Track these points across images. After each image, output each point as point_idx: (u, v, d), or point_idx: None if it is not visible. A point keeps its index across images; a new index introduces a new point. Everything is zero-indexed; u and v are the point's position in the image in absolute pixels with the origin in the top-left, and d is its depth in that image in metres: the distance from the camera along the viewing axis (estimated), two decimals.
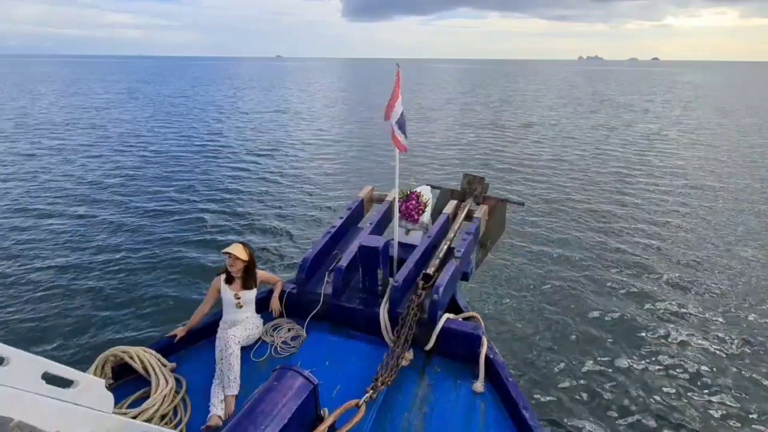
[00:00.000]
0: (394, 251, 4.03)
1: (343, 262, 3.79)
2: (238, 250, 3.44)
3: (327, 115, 29.11)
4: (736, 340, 5.88)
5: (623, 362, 5.44)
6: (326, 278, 3.81)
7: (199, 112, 28.79)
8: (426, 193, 4.71)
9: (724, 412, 4.70)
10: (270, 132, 21.61)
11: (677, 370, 5.32)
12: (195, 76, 78.35)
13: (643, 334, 6.01)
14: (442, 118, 26.82)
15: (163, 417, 2.76)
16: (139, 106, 31.74)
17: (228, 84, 58.21)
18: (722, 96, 44.67)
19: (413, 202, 4.48)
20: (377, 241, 3.62)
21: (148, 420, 2.63)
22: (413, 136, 19.82)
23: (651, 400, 4.85)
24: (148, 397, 2.84)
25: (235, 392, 2.95)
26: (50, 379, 1.66)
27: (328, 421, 2.38)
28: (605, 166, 15.28)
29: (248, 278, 3.53)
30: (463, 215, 4.71)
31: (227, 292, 3.47)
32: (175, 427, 2.73)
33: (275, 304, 3.73)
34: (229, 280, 3.49)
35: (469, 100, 38.20)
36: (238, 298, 3.45)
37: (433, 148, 18.26)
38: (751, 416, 4.64)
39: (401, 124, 3.60)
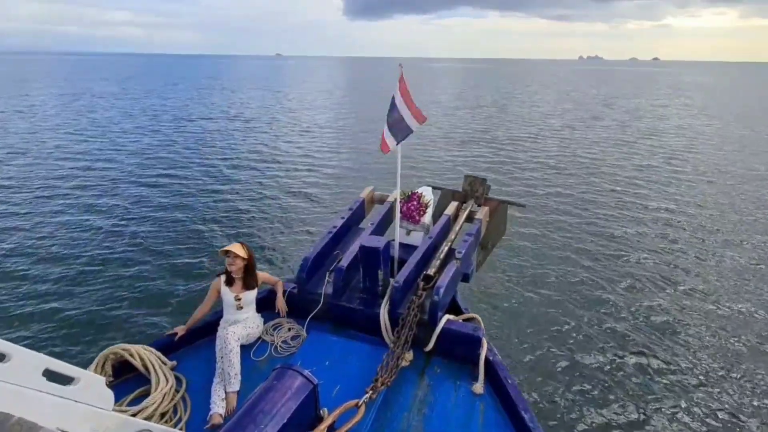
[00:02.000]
0: (395, 252, 4.03)
1: (344, 262, 3.79)
2: (237, 249, 3.43)
3: (322, 114, 29.09)
4: (745, 345, 5.86)
5: (625, 364, 5.43)
6: (327, 278, 3.81)
7: (124, 116, 25.59)
8: (427, 194, 4.71)
9: (729, 414, 4.69)
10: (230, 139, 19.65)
11: (680, 373, 5.31)
12: (175, 74, 75.63)
13: (646, 335, 6.00)
14: (442, 119, 26.81)
15: (163, 415, 2.76)
16: (64, 108, 28.59)
17: (201, 83, 55.25)
18: (738, 100, 41.60)
19: (414, 203, 4.48)
20: (378, 242, 3.62)
21: (148, 418, 2.63)
22: (415, 137, 19.80)
23: (653, 402, 4.85)
24: (148, 395, 2.84)
25: (237, 388, 2.96)
26: (51, 375, 1.66)
27: (328, 421, 2.38)
28: (612, 172, 15.25)
29: (248, 278, 3.52)
30: (464, 216, 4.71)
31: (228, 294, 3.46)
32: (175, 425, 2.73)
33: (281, 303, 3.73)
34: (230, 282, 3.48)
35: (469, 102, 38.17)
36: (239, 299, 3.44)
37: (434, 149, 18.26)
38: (753, 418, 4.64)
39: (393, 128, 3.57)
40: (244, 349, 3.30)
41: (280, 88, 52.08)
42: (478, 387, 3.03)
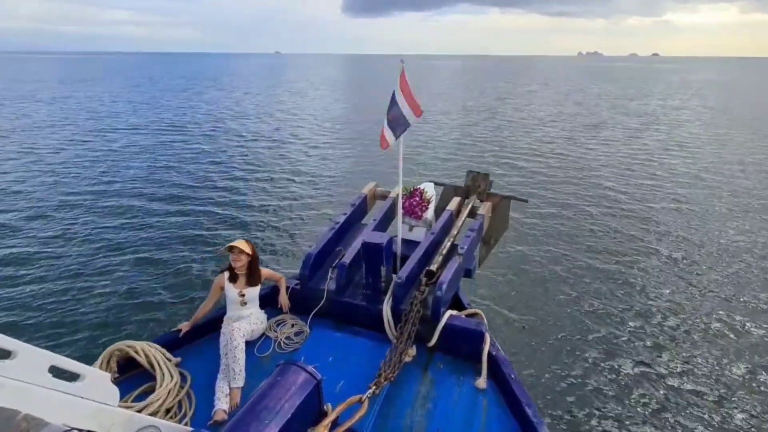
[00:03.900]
0: (398, 248, 4.03)
1: (347, 258, 3.80)
2: (242, 245, 3.45)
3: (323, 111, 29.03)
4: (748, 343, 5.85)
5: (627, 360, 5.43)
6: (329, 274, 3.82)
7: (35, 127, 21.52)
8: (429, 190, 4.69)
9: (730, 414, 4.69)
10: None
11: (682, 369, 5.31)
12: (148, 74, 71.20)
13: (648, 331, 6.00)
14: (444, 116, 26.74)
15: (167, 411, 2.78)
16: None
17: (164, 84, 50.90)
18: (757, 99, 37.85)
19: (417, 198, 4.47)
20: (381, 238, 3.63)
21: (153, 414, 2.65)
22: (417, 133, 19.77)
23: (654, 398, 4.85)
24: (153, 391, 2.86)
25: (241, 384, 2.97)
26: (57, 372, 1.68)
27: (332, 417, 2.39)
28: (617, 169, 15.18)
29: (252, 275, 3.53)
30: (466, 212, 4.70)
31: (231, 291, 3.47)
32: (180, 421, 2.75)
33: (284, 299, 3.75)
34: (233, 278, 3.49)
35: (469, 99, 38.00)
36: (243, 296, 3.46)
37: (436, 145, 18.23)
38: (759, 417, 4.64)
39: (393, 124, 3.55)
40: (248, 345, 3.31)
41: (278, 86, 51.46)
42: (481, 382, 3.04)
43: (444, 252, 3.89)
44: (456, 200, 4.84)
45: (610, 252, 8.38)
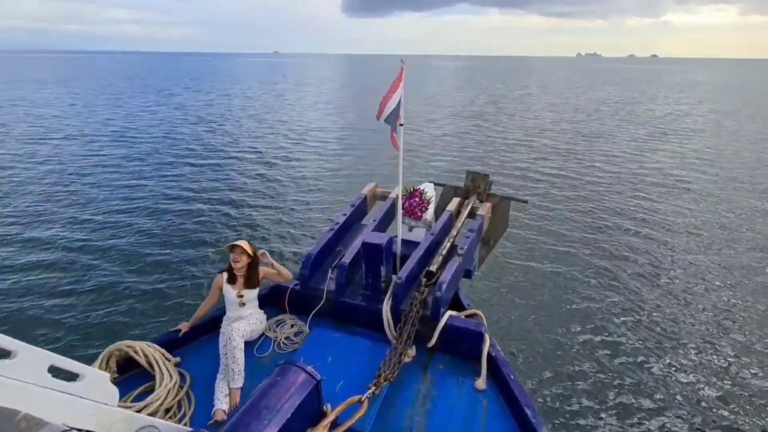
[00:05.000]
0: (397, 248, 4.03)
1: (346, 258, 3.80)
2: (244, 245, 3.45)
3: (323, 111, 29.01)
4: (747, 342, 5.86)
5: (627, 361, 5.43)
6: (329, 275, 3.82)
7: None
8: (429, 191, 4.69)
9: (728, 412, 4.69)
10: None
11: (681, 369, 5.31)
12: (129, 74, 68.67)
13: (648, 332, 6.00)
14: (444, 116, 26.74)
15: (167, 411, 2.78)
16: None
17: (128, 84, 48.69)
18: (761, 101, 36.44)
19: (416, 199, 4.47)
20: (380, 238, 3.63)
21: (153, 414, 2.65)
22: (417, 134, 19.78)
23: (653, 398, 4.85)
24: (152, 391, 2.86)
25: (240, 384, 2.97)
26: (56, 372, 1.68)
27: (331, 417, 2.39)
28: (617, 169, 15.19)
29: (251, 276, 3.52)
30: (466, 212, 4.70)
31: (230, 292, 3.47)
32: (179, 421, 2.74)
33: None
34: (232, 280, 3.49)
35: (470, 99, 38.00)
36: (241, 297, 3.46)
37: (436, 145, 18.23)
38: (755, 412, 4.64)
39: (392, 122, 3.56)
40: (247, 345, 3.31)
41: (276, 86, 51.37)
42: (481, 382, 3.04)
43: (444, 252, 3.88)
44: (456, 201, 4.84)
45: (610, 253, 8.38)
